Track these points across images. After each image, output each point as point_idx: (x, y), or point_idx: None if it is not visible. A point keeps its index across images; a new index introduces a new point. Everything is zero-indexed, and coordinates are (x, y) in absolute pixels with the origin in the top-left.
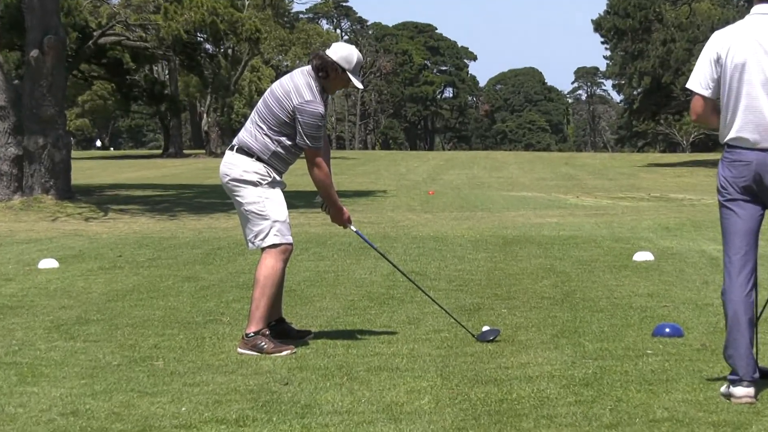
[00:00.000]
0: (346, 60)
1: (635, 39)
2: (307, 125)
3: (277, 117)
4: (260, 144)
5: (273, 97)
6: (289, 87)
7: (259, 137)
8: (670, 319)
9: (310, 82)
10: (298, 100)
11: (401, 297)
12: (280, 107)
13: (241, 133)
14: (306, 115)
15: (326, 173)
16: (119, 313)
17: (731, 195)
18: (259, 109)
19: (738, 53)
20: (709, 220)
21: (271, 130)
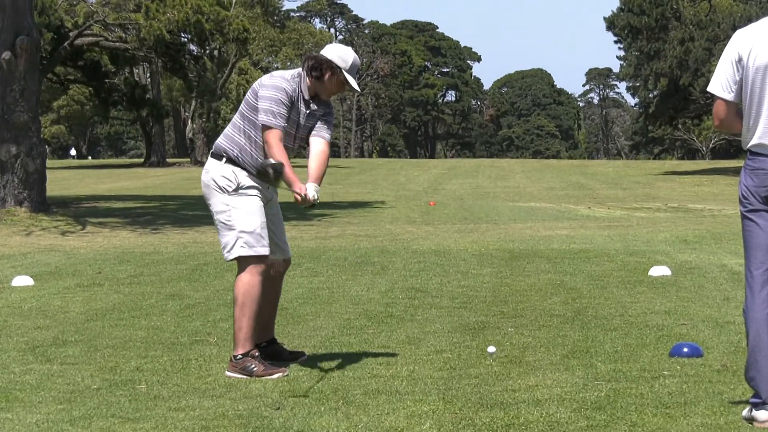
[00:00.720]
0: (342, 59)
1: (651, 38)
2: (267, 98)
3: (248, 103)
4: (228, 140)
5: (251, 89)
6: (265, 77)
7: (228, 133)
8: (689, 338)
9: (293, 74)
10: (265, 78)
11: (400, 315)
12: (252, 93)
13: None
14: (268, 87)
15: (280, 153)
16: (99, 333)
17: (753, 205)
18: (239, 109)
19: (761, 54)
20: (730, 232)
21: (241, 119)
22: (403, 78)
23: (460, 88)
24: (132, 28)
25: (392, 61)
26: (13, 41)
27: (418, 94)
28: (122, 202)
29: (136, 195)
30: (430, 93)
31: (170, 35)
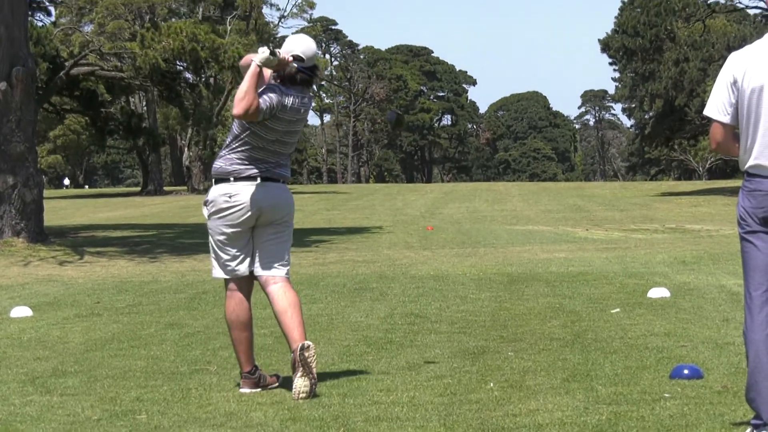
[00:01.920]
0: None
1: (646, 59)
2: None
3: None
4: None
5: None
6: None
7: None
8: (689, 359)
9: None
10: None
11: (400, 341)
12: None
13: None
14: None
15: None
16: (98, 363)
17: (751, 227)
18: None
19: (755, 76)
20: (728, 252)
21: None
22: (399, 103)
23: (456, 112)
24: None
25: (388, 86)
26: (8, 72)
27: (414, 119)
28: (120, 231)
29: (133, 224)
30: (426, 117)
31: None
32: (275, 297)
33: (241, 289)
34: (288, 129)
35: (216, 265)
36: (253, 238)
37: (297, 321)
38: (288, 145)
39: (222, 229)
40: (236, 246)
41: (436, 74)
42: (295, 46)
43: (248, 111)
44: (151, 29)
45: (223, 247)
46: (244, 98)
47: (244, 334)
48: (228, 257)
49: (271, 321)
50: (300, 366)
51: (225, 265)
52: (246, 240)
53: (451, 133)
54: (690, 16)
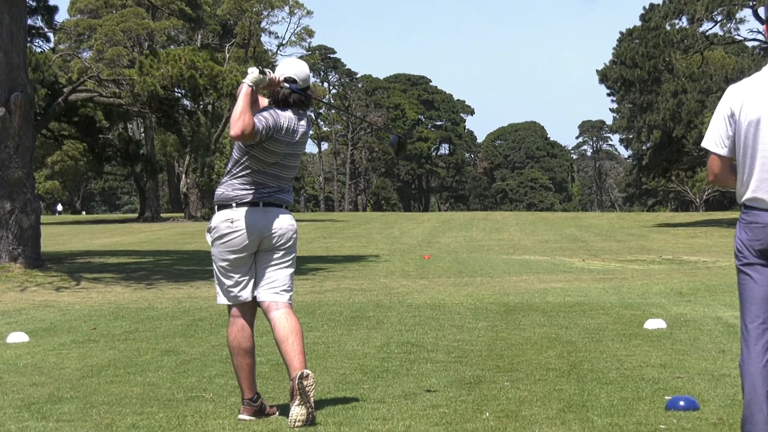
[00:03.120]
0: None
1: (644, 90)
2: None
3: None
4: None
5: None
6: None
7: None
8: (685, 391)
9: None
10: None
11: (396, 370)
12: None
13: None
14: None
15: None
16: (94, 390)
17: (748, 259)
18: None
19: (752, 108)
20: (725, 284)
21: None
22: (397, 131)
23: (454, 141)
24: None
25: (386, 115)
26: (7, 98)
27: (411, 148)
28: (117, 258)
29: (130, 250)
30: (424, 146)
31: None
32: (277, 323)
33: (243, 315)
34: (287, 152)
35: (220, 292)
36: (256, 263)
37: (298, 349)
38: (289, 168)
39: (224, 254)
40: (239, 272)
41: (434, 103)
42: (287, 69)
43: (244, 131)
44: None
45: (226, 273)
46: (240, 119)
47: (246, 361)
48: (231, 283)
49: (268, 348)
50: (298, 394)
51: (228, 291)
52: (249, 266)
53: (449, 162)
54: (688, 48)
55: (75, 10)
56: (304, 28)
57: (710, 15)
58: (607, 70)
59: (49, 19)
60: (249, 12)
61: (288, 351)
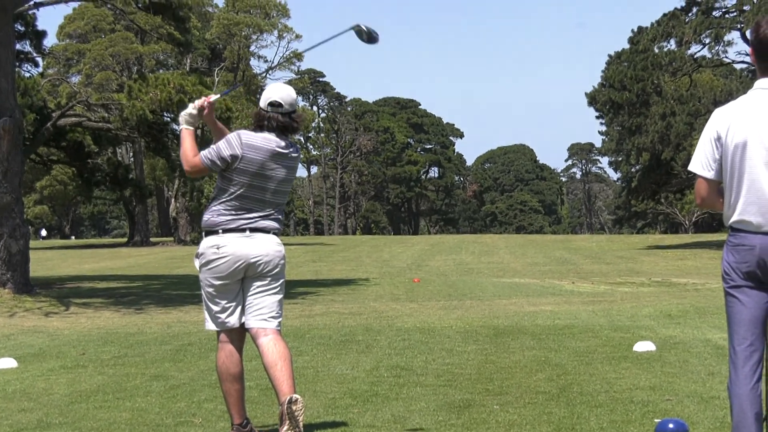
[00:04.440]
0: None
1: (632, 113)
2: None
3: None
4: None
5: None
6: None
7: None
8: (674, 413)
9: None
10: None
11: (386, 394)
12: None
13: None
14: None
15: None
16: (83, 415)
17: (735, 281)
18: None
19: (739, 131)
20: (714, 306)
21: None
22: (386, 155)
23: (443, 165)
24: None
25: (375, 138)
26: None
27: (401, 171)
28: (106, 282)
29: (119, 275)
30: (413, 169)
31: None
32: (265, 349)
33: (232, 341)
34: (269, 174)
35: (208, 317)
36: (243, 290)
37: (287, 374)
38: (277, 193)
39: (211, 281)
40: (226, 298)
41: (423, 127)
42: (272, 93)
43: (191, 171)
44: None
45: (213, 299)
46: (183, 161)
47: (235, 386)
48: (218, 309)
49: (257, 373)
50: (287, 419)
51: (215, 317)
52: (236, 292)
53: (438, 186)
54: (676, 71)
55: (64, 34)
56: (293, 52)
57: (698, 38)
58: (596, 92)
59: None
60: (238, 36)
61: (277, 376)
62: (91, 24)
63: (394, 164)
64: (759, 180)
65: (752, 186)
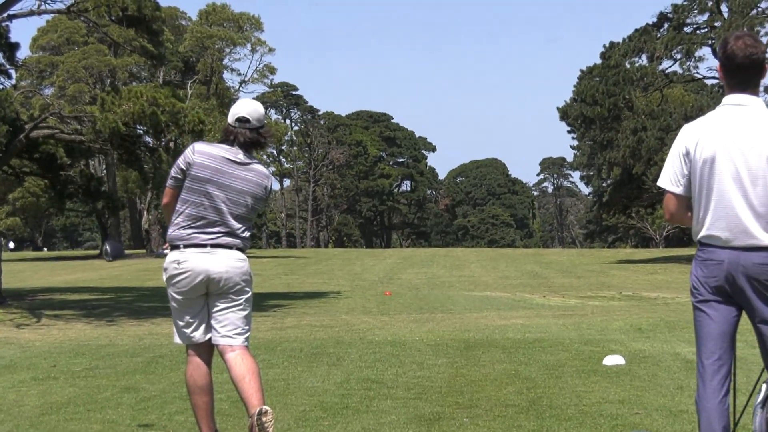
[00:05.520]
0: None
1: (604, 128)
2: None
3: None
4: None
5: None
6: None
7: (248, 235)
8: (643, 427)
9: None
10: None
11: (356, 407)
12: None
13: None
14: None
15: (166, 204)
16: (54, 427)
17: (703, 296)
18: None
19: (707, 147)
20: (684, 320)
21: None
22: (359, 168)
23: (416, 178)
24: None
25: (347, 152)
26: None
27: (373, 184)
28: (78, 294)
29: (91, 287)
30: (386, 183)
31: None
32: (232, 364)
33: (199, 354)
34: (225, 183)
35: (175, 331)
36: (208, 306)
37: (255, 387)
38: (237, 204)
39: (175, 295)
40: (189, 313)
41: (395, 140)
42: (240, 109)
43: (165, 202)
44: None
45: (178, 313)
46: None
47: (203, 399)
48: (183, 324)
49: (228, 386)
50: (257, 430)
51: (182, 331)
52: (199, 308)
53: (411, 199)
54: (648, 86)
55: (37, 47)
56: (267, 66)
57: (669, 53)
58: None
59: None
60: (211, 49)
61: (245, 389)
62: (64, 36)
63: (367, 178)
64: (727, 195)
65: (721, 201)
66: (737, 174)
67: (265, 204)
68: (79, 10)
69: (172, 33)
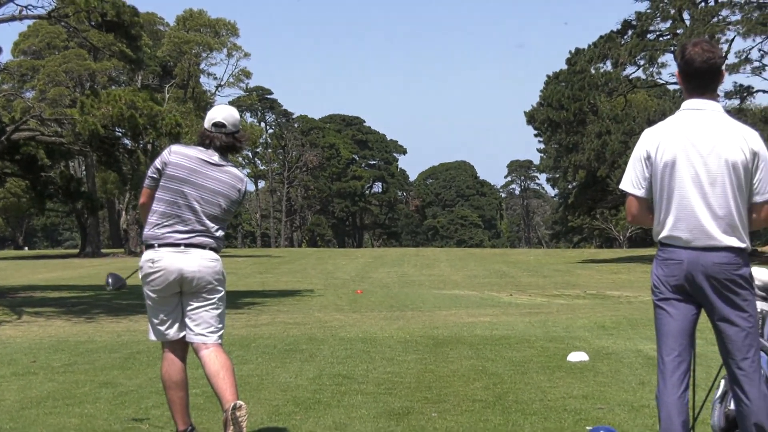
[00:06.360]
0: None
1: (569, 131)
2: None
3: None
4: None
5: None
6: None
7: (222, 235)
8: (605, 421)
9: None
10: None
11: (327, 401)
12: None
13: None
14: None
15: (142, 203)
16: (33, 421)
17: (664, 294)
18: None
19: (668, 150)
20: (646, 318)
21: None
22: (332, 170)
23: (387, 180)
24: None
25: (321, 154)
26: None
27: (345, 186)
28: (58, 292)
29: (71, 285)
30: (358, 185)
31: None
32: (206, 361)
33: (174, 351)
34: (199, 183)
35: (150, 328)
36: (182, 305)
37: (229, 382)
38: (210, 204)
39: (149, 293)
40: (163, 311)
41: (367, 143)
42: (216, 114)
43: (142, 201)
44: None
45: (153, 310)
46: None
47: (178, 394)
48: (157, 321)
49: (203, 381)
50: (231, 425)
51: (156, 328)
52: (173, 306)
53: (382, 200)
54: (612, 91)
55: (18, 51)
56: (242, 70)
57: (633, 59)
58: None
59: None
60: (188, 54)
61: (219, 385)
62: (45, 41)
63: (339, 179)
64: (687, 197)
65: (681, 203)
66: (697, 177)
67: (238, 206)
68: (59, 15)
69: (150, 38)
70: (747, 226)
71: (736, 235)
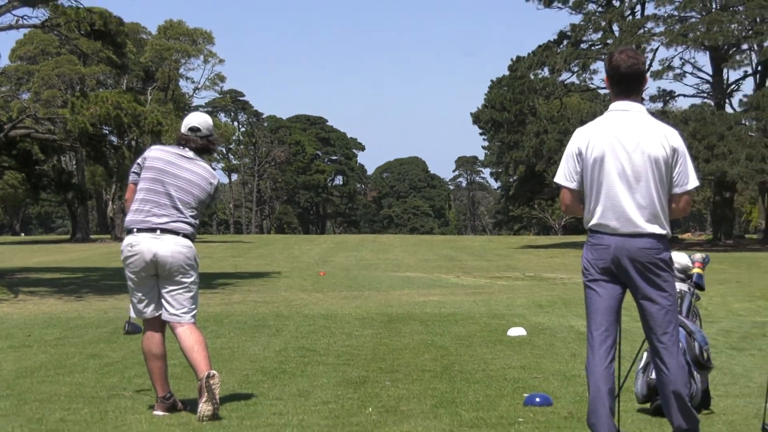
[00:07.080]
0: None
1: (511, 130)
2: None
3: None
4: (196, 226)
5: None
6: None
7: (194, 222)
8: (540, 389)
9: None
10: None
11: (292, 371)
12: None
13: None
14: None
15: (128, 198)
16: (27, 389)
17: (593, 276)
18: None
19: (597, 147)
20: (578, 297)
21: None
22: (297, 165)
23: (347, 174)
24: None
25: (288, 150)
26: None
27: (310, 179)
28: (51, 274)
29: (63, 267)
30: (321, 178)
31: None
32: (182, 337)
33: (153, 326)
34: (175, 173)
35: (130, 306)
36: (159, 286)
37: (203, 355)
38: (184, 192)
39: (129, 274)
40: (141, 291)
41: (330, 140)
42: (192, 120)
43: (128, 197)
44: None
45: (132, 290)
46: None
47: (158, 364)
48: (136, 300)
49: (180, 353)
50: (205, 392)
51: (135, 307)
52: (150, 286)
53: (342, 192)
54: (549, 95)
55: (15, 56)
56: (217, 75)
57: (568, 66)
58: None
59: None
60: (168, 60)
61: (194, 357)
62: (39, 48)
63: (304, 173)
64: (614, 190)
65: (609, 194)
66: (623, 171)
67: (211, 201)
68: (52, 24)
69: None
70: (668, 215)
71: (658, 223)
